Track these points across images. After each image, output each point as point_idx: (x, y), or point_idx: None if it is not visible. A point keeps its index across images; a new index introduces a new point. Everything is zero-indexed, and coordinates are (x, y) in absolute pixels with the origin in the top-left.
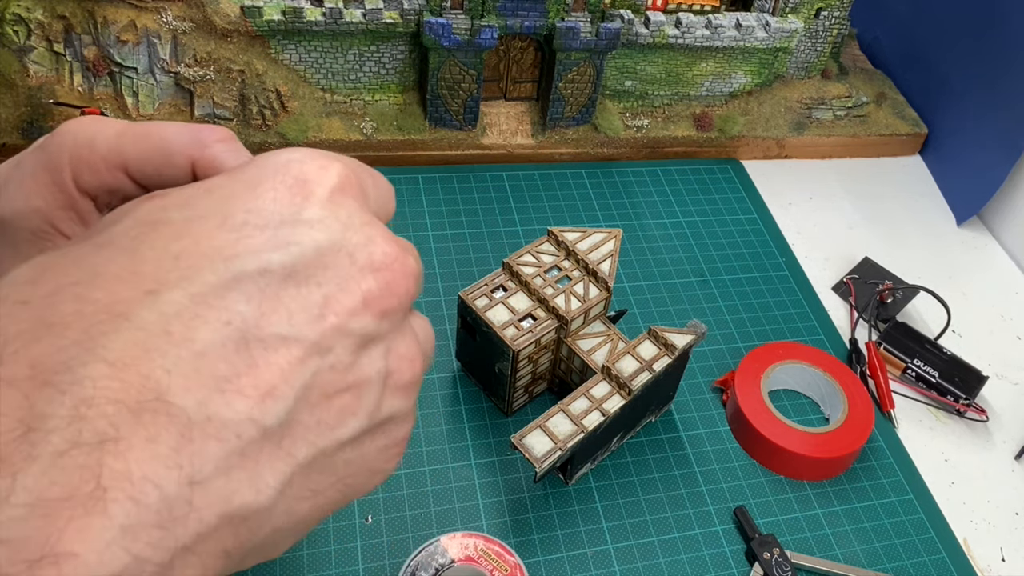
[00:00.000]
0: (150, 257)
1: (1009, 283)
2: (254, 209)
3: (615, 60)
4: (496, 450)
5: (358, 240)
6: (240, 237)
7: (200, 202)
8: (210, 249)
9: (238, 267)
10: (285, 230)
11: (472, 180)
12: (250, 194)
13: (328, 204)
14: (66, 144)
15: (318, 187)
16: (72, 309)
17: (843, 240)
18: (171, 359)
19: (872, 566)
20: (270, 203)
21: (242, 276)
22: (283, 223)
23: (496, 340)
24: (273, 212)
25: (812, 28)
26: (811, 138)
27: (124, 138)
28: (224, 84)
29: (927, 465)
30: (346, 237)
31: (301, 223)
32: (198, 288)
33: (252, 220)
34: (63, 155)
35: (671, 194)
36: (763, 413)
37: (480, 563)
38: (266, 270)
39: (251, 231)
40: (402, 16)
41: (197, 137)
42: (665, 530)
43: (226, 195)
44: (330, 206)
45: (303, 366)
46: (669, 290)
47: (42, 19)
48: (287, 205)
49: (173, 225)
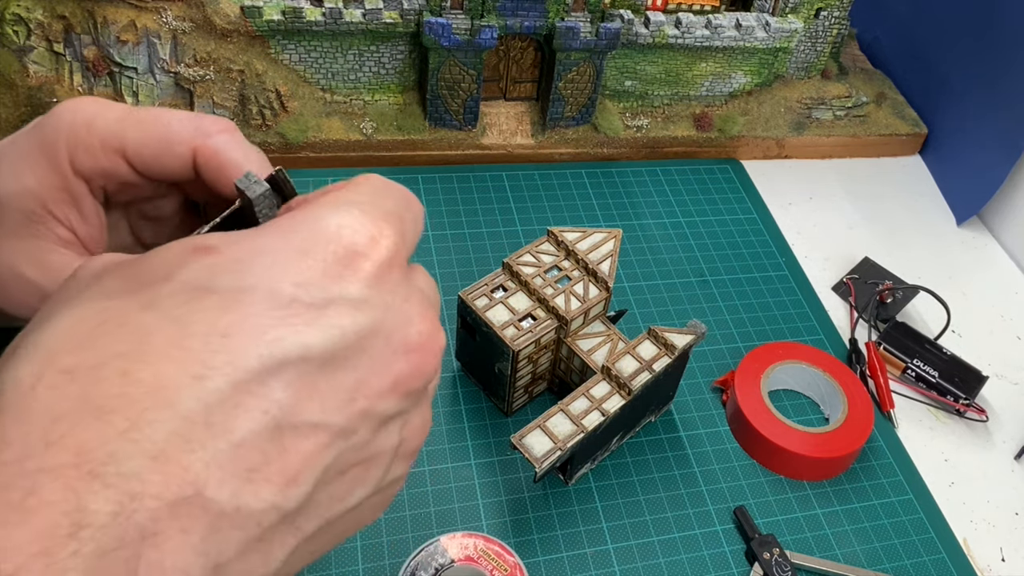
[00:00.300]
0: (198, 332)
1: (1009, 283)
2: (303, 282)
3: (615, 60)
4: (496, 450)
5: (397, 321)
6: (287, 316)
7: (251, 267)
8: (256, 328)
9: (281, 352)
10: (331, 311)
11: (472, 180)
12: (300, 263)
13: (374, 282)
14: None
15: (367, 262)
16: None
17: (843, 240)
18: (210, 452)
19: (872, 566)
20: (319, 276)
21: (285, 362)
22: (329, 302)
23: (496, 340)
24: (321, 287)
25: (812, 28)
26: (811, 138)
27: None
28: (224, 84)
29: (927, 465)
30: (386, 319)
31: (347, 303)
32: (242, 375)
33: (300, 296)
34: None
35: (671, 194)
36: (763, 413)
37: (480, 563)
38: (307, 356)
39: (298, 309)
40: (402, 16)
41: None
42: (665, 530)
43: (277, 261)
44: (376, 284)
45: (327, 451)
46: (669, 290)
47: (42, 19)
48: (335, 280)
49: (222, 296)
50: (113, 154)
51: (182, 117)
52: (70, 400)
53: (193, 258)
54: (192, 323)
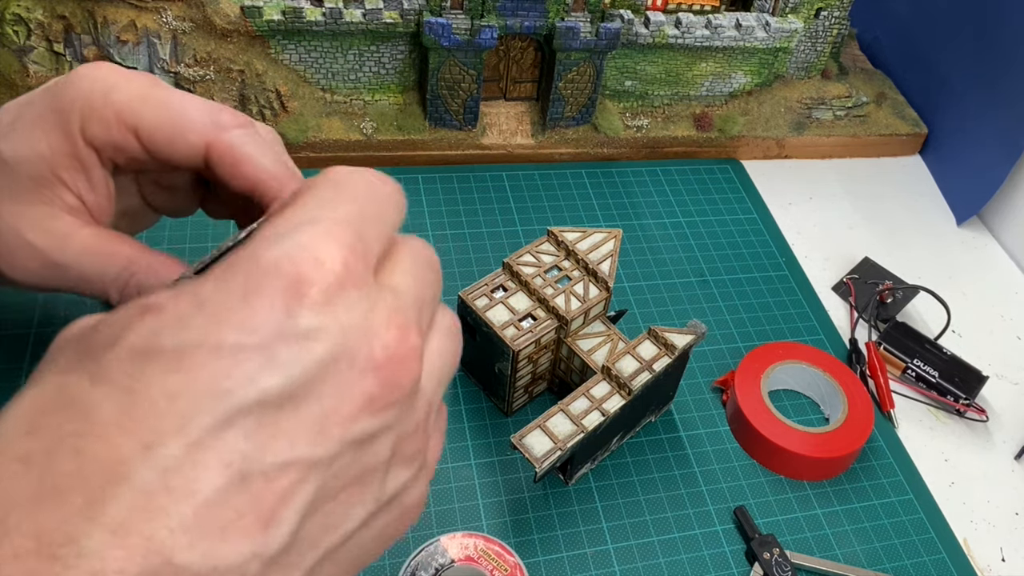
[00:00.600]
0: (145, 399)
1: (1009, 283)
2: (248, 327)
3: (615, 60)
4: (496, 450)
5: (357, 340)
6: (234, 364)
7: (193, 322)
8: (205, 384)
9: (235, 402)
10: (281, 348)
11: (472, 180)
12: (243, 308)
13: (325, 308)
14: (81, 89)
15: (313, 288)
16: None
17: (843, 240)
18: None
19: (872, 566)
20: (264, 315)
21: (239, 411)
22: (279, 338)
23: (496, 340)
24: (268, 326)
25: (812, 28)
26: (811, 138)
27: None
28: (224, 84)
29: (927, 465)
30: (345, 342)
31: (298, 337)
32: (196, 434)
33: (246, 341)
34: (75, 100)
35: (671, 194)
36: (763, 413)
37: (480, 563)
38: (263, 400)
39: (246, 355)
40: (402, 16)
41: (217, 119)
42: (665, 530)
43: (219, 311)
44: (327, 308)
45: (305, 484)
46: (669, 290)
47: (42, 19)
48: (282, 314)
49: (166, 356)
50: (126, 130)
51: (200, 107)
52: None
53: (138, 320)
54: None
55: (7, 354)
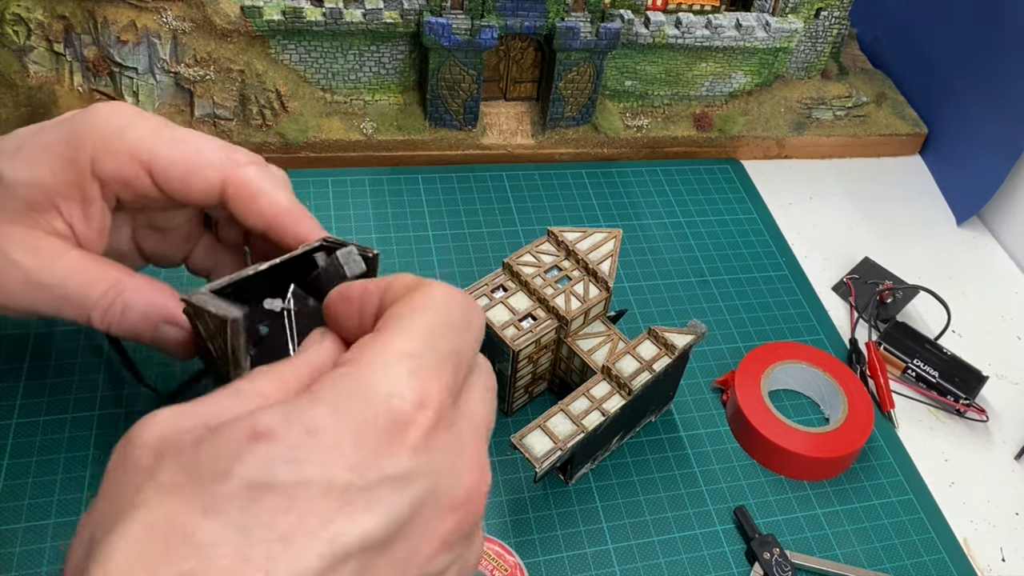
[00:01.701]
0: (259, 539)
1: (1009, 283)
2: (356, 465)
3: (615, 60)
4: (496, 450)
5: (445, 483)
6: (343, 506)
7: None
8: (316, 525)
9: (342, 545)
10: (384, 490)
11: (472, 180)
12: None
13: (422, 449)
14: (96, 125)
15: (416, 430)
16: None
17: (843, 240)
18: None
19: (872, 566)
20: (370, 455)
21: (345, 555)
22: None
23: (496, 340)
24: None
25: (812, 28)
26: (811, 138)
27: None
28: (224, 84)
29: (927, 465)
30: (435, 484)
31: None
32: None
33: (355, 481)
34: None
35: (671, 194)
36: (763, 413)
37: (480, 563)
38: (364, 545)
39: (353, 496)
40: (402, 16)
41: (231, 156)
42: (665, 530)
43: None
44: (423, 451)
45: None
46: (669, 290)
47: (42, 19)
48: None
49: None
50: (139, 167)
51: (216, 144)
52: None
53: (250, 448)
54: (253, 528)
55: (7, 354)
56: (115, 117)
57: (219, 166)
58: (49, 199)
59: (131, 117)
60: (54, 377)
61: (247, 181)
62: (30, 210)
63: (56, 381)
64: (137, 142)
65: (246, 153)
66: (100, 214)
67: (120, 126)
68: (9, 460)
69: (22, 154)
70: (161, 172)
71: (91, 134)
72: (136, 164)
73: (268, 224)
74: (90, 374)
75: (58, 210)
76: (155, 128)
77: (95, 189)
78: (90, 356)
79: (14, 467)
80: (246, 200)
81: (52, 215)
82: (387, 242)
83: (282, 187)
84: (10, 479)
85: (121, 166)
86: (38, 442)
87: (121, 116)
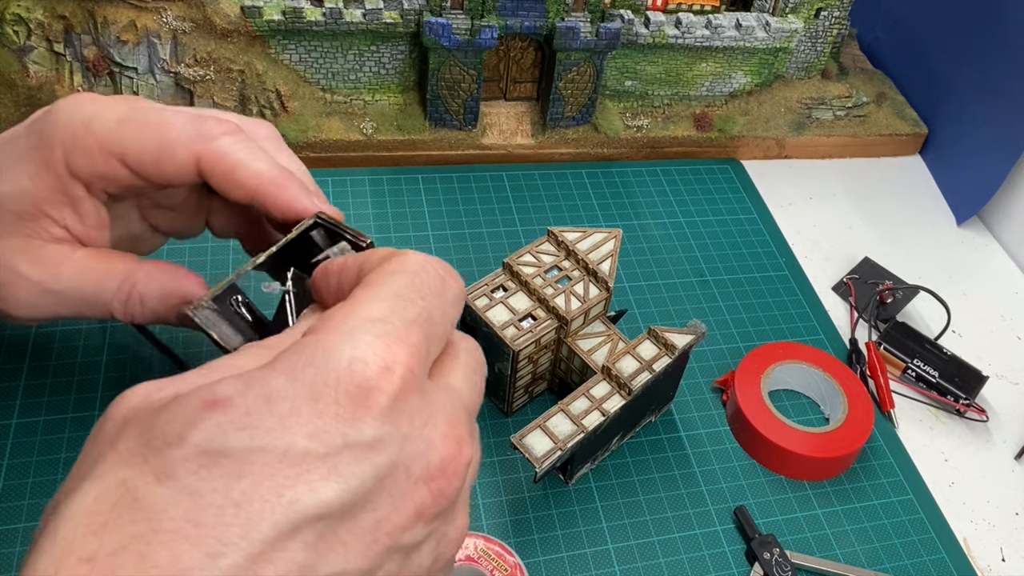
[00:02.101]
0: (211, 504)
1: (1009, 283)
2: (315, 431)
3: (615, 60)
4: (496, 450)
5: (416, 451)
6: (300, 473)
7: (262, 420)
8: (270, 493)
9: (297, 514)
10: (346, 458)
11: (472, 180)
12: (312, 411)
13: (389, 416)
14: (60, 123)
15: (381, 395)
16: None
17: (843, 240)
18: None
19: (872, 566)
20: (332, 422)
21: (301, 523)
22: (344, 447)
23: (496, 340)
24: (334, 433)
25: (812, 28)
26: (811, 138)
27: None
28: (224, 84)
29: (927, 465)
30: (404, 451)
31: (361, 447)
32: (258, 546)
33: (313, 448)
34: (56, 135)
35: (671, 194)
36: (763, 413)
37: (480, 563)
38: (324, 513)
39: (312, 463)
40: (402, 16)
41: (201, 130)
42: (665, 530)
43: (288, 412)
44: (391, 418)
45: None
46: (669, 290)
47: (42, 19)
48: (348, 422)
49: (233, 459)
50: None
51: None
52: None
53: (206, 415)
54: (205, 494)
55: (7, 354)
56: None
57: (188, 143)
58: (37, 207)
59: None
60: (54, 377)
61: (221, 155)
62: (23, 221)
63: (56, 381)
64: (104, 134)
65: (217, 122)
66: (93, 210)
67: (85, 120)
68: (9, 460)
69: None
70: (133, 160)
71: (58, 133)
72: (108, 156)
73: (251, 196)
74: (90, 374)
75: (49, 216)
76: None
77: (79, 188)
78: (90, 356)
79: (14, 467)
80: (223, 174)
81: (45, 222)
82: (387, 242)
83: (261, 153)
84: (10, 479)
85: (94, 161)
86: (38, 442)
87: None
